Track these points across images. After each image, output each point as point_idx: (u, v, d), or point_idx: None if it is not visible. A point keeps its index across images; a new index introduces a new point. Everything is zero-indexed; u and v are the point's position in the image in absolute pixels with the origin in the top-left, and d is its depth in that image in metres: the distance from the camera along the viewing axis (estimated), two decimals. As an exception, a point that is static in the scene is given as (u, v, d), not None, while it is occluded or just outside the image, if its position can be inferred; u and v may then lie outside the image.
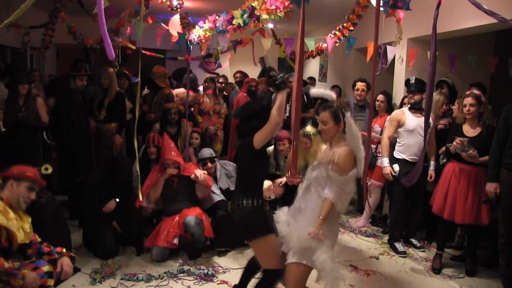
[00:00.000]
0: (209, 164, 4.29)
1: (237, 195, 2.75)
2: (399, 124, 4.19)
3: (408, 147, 4.17)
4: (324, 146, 3.71)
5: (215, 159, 4.41)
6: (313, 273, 2.97)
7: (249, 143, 2.63)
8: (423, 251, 4.32)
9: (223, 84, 6.07)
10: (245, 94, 5.70)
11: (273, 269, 2.71)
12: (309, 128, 4.05)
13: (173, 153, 4.10)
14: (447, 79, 4.82)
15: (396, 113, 4.32)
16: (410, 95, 4.21)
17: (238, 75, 6.39)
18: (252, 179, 2.73)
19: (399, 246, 4.27)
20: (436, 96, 4.34)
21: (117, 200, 4.00)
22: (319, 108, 2.75)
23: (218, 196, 4.17)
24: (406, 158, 4.17)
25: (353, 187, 2.67)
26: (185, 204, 4.04)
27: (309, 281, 2.75)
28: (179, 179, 4.11)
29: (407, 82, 4.32)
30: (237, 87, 6.45)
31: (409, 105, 4.26)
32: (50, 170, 2.88)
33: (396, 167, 4.18)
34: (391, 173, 4.15)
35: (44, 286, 2.58)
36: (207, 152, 4.41)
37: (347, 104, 2.71)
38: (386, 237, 4.60)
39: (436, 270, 3.88)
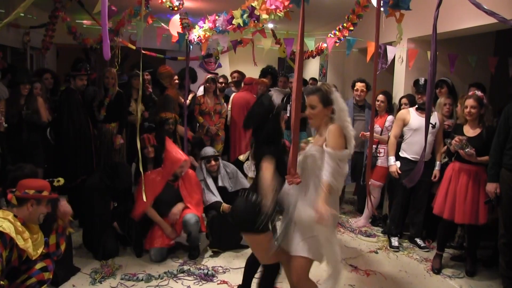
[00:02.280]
0: (213, 162, 4.27)
1: (252, 188, 2.75)
2: (404, 123, 4.31)
3: (411, 145, 4.25)
4: None
5: (219, 157, 4.41)
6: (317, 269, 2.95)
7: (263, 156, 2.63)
8: (428, 251, 4.32)
9: (223, 84, 6.07)
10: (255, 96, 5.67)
11: (270, 263, 2.75)
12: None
13: (180, 153, 4.05)
14: (446, 79, 4.83)
15: (401, 112, 4.44)
16: (419, 96, 4.32)
17: (235, 75, 6.38)
18: None
19: (394, 240, 4.40)
20: (439, 99, 4.44)
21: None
22: (304, 93, 2.62)
23: (214, 197, 4.16)
24: (408, 157, 4.26)
25: (348, 167, 2.59)
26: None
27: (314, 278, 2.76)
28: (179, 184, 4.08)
29: (416, 82, 4.40)
30: (233, 87, 6.43)
31: (416, 105, 4.35)
32: (62, 182, 2.89)
33: (398, 163, 4.34)
34: (397, 171, 4.28)
35: (42, 281, 2.58)
36: (210, 150, 4.40)
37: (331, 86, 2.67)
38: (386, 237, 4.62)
39: (436, 270, 3.88)
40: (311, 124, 2.68)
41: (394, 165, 4.31)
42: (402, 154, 4.33)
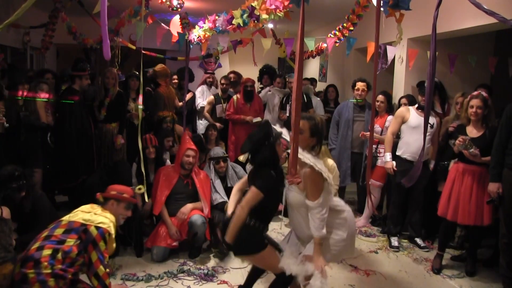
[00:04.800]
0: (222, 163, 4.28)
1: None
2: (403, 121, 4.30)
3: (408, 144, 4.25)
4: (329, 160, 3.70)
5: (228, 158, 4.41)
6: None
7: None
8: (428, 251, 4.32)
9: (224, 85, 6.06)
10: (238, 96, 5.68)
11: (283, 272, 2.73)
12: None
13: (190, 143, 4.05)
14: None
15: (401, 110, 4.43)
16: (423, 98, 4.27)
17: (232, 75, 6.36)
18: (260, 207, 2.74)
19: (394, 240, 4.41)
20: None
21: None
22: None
23: (220, 198, 4.16)
24: (405, 156, 4.25)
25: (329, 200, 2.67)
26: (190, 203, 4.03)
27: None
28: (192, 181, 4.07)
29: (420, 84, 4.37)
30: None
31: (416, 106, 4.34)
32: (143, 190, 3.13)
33: (393, 163, 4.32)
34: (392, 168, 4.26)
35: None
36: (220, 150, 4.41)
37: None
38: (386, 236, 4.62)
39: (436, 270, 3.87)
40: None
41: (390, 161, 4.29)
42: (398, 153, 4.32)
